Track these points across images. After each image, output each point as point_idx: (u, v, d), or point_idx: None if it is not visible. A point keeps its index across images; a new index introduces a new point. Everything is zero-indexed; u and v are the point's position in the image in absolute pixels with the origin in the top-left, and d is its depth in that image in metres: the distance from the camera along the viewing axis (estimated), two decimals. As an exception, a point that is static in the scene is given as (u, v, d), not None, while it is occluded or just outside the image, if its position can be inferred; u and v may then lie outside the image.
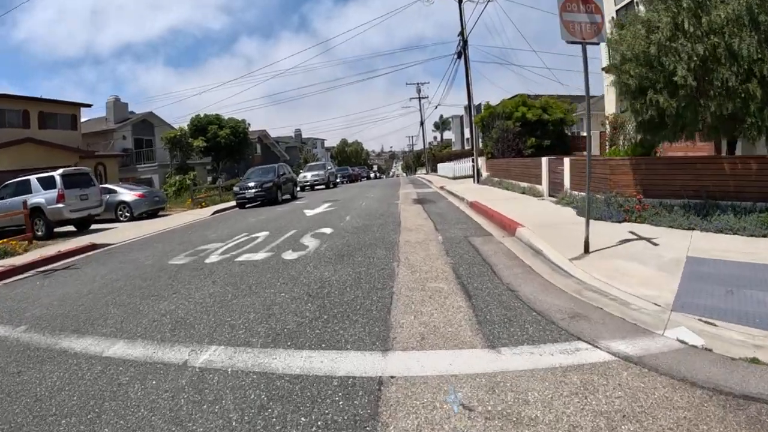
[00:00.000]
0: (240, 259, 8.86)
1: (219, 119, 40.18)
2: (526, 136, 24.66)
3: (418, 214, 13.58)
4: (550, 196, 15.87)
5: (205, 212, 21.13)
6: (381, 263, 7.46)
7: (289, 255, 8.72)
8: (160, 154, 39.22)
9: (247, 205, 22.00)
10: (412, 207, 15.84)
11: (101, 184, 29.57)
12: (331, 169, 38.00)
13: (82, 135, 35.41)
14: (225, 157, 40.86)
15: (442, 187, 24.97)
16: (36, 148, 26.24)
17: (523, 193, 17.65)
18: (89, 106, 35.32)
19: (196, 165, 42.53)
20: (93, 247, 13.11)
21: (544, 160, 16.67)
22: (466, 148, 77.48)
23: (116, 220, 20.41)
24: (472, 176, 26.93)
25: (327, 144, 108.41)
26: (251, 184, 21.58)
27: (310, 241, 10.03)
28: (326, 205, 18.68)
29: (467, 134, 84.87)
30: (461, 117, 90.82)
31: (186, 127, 37.03)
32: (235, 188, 22.33)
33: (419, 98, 70.34)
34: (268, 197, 21.57)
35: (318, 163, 41.56)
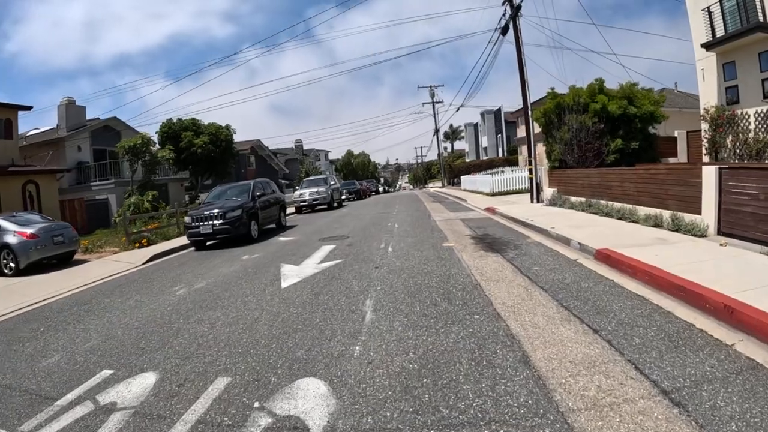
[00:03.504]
0: None
1: (196, 125, 32.69)
2: (607, 136, 17.29)
3: (530, 296, 5.93)
4: (723, 234, 8.83)
5: (140, 257, 13.47)
6: None
7: None
8: (127, 168, 31.44)
9: (207, 243, 14.46)
10: (490, 262, 8.18)
11: (32, 209, 22.64)
12: (334, 184, 30.06)
13: (21, 146, 28.09)
14: (205, 171, 33.37)
15: (490, 210, 17.45)
16: None
17: (656, 225, 10.37)
18: (28, 108, 27.76)
19: (170, 181, 34.99)
20: None
21: (711, 171, 9.39)
22: (483, 158, 70.53)
23: (0, 272, 12.86)
24: (530, 193, 19.29)
25: (332, 156, 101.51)
26: (213, 212, 13.89)
27: None
28: (324, 251, 11.00)
29: (484, 143, 77.97)
30: (475, 125, 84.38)
31: (148, 134, 29.13)
32: (187, 218, 14.61)
33: (433, 103, 62.80)
34: (236, 233, 13.90)
35: (318, 177, 33.55)
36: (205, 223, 13.75)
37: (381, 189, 71.57)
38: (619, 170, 13.80)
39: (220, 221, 13.68)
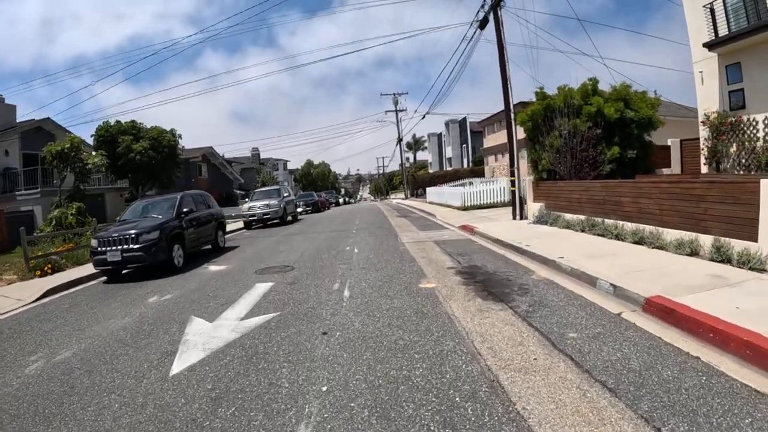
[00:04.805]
0: None
1: (136, 128, 29.28)
2: (603, 143, 14.99)
3: (596, 412, 3.28)
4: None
5: (33, 291, 10.22)
6: None
7: None
8: (56, 176, 27.73)
9: (123, 271, 11.48)
10: (497, 322, 5.49)
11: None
12: (288, 196, 27.00)
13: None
14: (147, 180, 30.02)
15: (467, 228, 15.02)
16: None
17: (693, 254, 8.02)
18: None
19: (108, 191, 31.56)
20: None
21: (774, 183, 7.00)
22: (447, 169, 68.53)
23: None
24: (512, 207, 16.82)
25: (291, 165, 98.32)
26: (125, 235, 10.86)
27: None
28: (256, 293, 8.11)
29: (448, 153, 75.94)
30: (439, 135, 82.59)
31: (78, 137, 25.53)
32: (93, 241, 11.46)
33: (396, 111, 60.35)
34: (152, 260, 10.92)
35: (271, 188, 30.33)
36: (114, 248, 10.73)
37: (341, 200, 68.69)
38: (634, 183, 11.41)
39: (133, 246, 10.69)
